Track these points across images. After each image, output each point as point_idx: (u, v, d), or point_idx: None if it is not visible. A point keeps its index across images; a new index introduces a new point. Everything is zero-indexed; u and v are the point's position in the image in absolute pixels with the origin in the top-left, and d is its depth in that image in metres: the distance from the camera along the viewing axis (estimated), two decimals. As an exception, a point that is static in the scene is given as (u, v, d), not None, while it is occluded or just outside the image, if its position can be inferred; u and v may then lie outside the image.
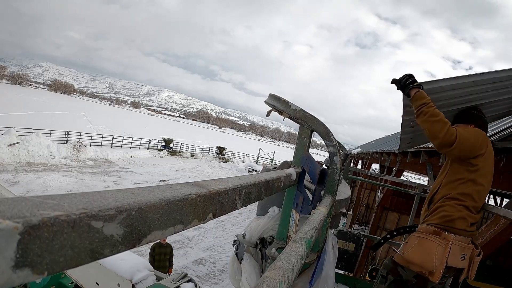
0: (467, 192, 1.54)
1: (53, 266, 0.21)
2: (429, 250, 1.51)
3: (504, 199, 8.75)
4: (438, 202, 1.60)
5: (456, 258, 1.50)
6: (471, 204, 1.54)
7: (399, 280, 1.64)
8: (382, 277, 1.75)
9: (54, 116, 37.00)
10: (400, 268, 1.65)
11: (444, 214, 1.55)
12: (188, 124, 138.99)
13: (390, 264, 1.74)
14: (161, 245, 5.87)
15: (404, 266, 1.63)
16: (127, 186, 14.47)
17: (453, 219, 1.52)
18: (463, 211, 1.53)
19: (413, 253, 1.57)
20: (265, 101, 1.23)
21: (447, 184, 1.60)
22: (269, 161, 34.19)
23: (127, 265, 3.23)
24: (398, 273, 1.66)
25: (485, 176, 1.59)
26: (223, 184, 0.48)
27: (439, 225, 1.55)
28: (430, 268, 1.49)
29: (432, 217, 1.60)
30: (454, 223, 1.52)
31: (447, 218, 1.53)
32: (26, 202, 0.22)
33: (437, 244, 1.50)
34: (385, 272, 1.74)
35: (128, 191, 0.31)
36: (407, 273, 1.62)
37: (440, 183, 1.66)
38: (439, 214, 1.57)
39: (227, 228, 11.71)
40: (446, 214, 1.54)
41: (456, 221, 1.52)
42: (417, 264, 1.54)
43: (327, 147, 1.13)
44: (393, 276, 1.68)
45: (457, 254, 1.51)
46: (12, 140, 15.39)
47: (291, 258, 0.44)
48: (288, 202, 1.20)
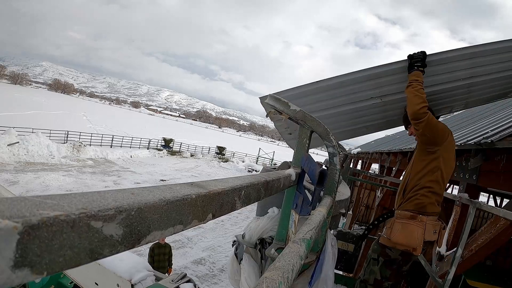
0: (433, 179, 1.87)
1: (52, 266, 0.21)
2: (411, 232, 1.86)
3: (504, 199, 8.75)
4: (411, 191, 1.93)
5: (430, 234, 1.88)
6: (437, 188, 1.89)
7: (388, 260, 2.00)
8: (373, 260, 2.09)
9: (54, 116, 37.00)
10: (388, 250, 1.99)
11: (417, 202, 1.89)
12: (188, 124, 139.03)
13: (379, 248, 2.06)
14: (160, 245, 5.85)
15: (391, 247, 1.96)
16: (126, 185, 14.47)
17: (425, 205, 1.87)
18: (432, 197, 1.88)
19: (399, 236, 1.90)
20: (265, 101, 1.22)
21: (416, 175, 1.92)
22: (269, 161, 34.20)
23: (126, 265, 3.23)
24: (387, 254, 2.01)
25: (447, 163, 1.91)
26: (223, 185, 0.48)
27: (414, 211, 1.89)
28: (414, 246, 1.84)
29: (408, 204, 1.93)
30: (426, 208, 1.88)
31: (420, 205, 1.88)
32: (26, 202, 0.22)
33: (416, 227, 1.86)
34: (376, 255, 2.07)
35: (127, 191, 0.31)
36: (394, 252, 1.97)
37: (409, 174, 1.98)
38: (413, 202, 1.90)
39: (227, 228, 11.71)
40: (419, 201, 1.88)
41: (427, 206, 1.88)
42: (403, 244, 1.88)
43: (327, 148, 1.13)
44: (383, 258, 2.03)
45: (430, 231, 1.88)
46: (12, 139, 15.38)
47: (290, 258, 0.44)
48: (288, 203, 1.20)
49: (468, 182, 2.98)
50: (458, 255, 2.48)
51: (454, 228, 3.12)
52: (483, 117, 4.35)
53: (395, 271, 2.01)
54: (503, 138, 2.31)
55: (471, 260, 2.88)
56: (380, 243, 2.04)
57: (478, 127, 3.57)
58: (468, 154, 2.92)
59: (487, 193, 8.80)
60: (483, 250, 2.77)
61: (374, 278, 2.03)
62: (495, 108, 4.81)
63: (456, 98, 2.28)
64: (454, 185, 8.61)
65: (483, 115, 4.60)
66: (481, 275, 5.48)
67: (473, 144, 2.56)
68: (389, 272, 2.01)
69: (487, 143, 2.35)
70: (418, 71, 1.81)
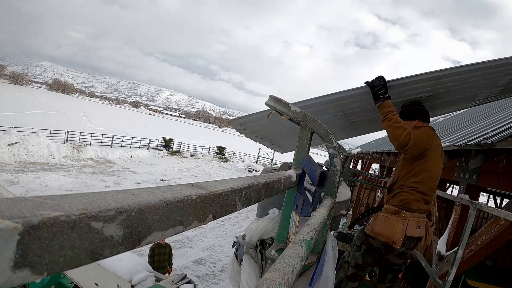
0: (418, 180, 1.94)
1: (52, 267, 0.21)
2: (391, 226, 1.94)
3: (504, 199, 8.75)
4: (397, 189, 2.02)
5: (412, 230, 1.93)
6: (422, 188, 1.94)
7: (371, 248, 2.10)
8: (357, 246, 2.20)
9: (54, 116, 37.01)
10: (371, 239, 2.08)
11: (401, 198, 1.97)
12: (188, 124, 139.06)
13: (363, 236, 2.16)
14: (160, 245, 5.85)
15: (374, 237, 2.05)
16: (127, 185, 14.48)
17: (409, 202, 1.94)
18: (417, 195, 1.94)
19: (380, 228, 2.00)
20: (266, 102, 1.22)
21: (403, 177, 2.01)
22: (269, 161, 34.20)
23: (126, 266, 3.23)
24: (369, 243, 2.10)
25: (434, 165, 1.97)
26: (223, 186, 0.48)
27: (399, 206, 1.97)
28: (393, 239, 1.92)
29: (393, 200, 2.02)
30: (410, 205, 1.94)
31: (404, 201, 1.95)
32: (26, 202, 0.22)
33: (397, 222, 1.94)
34: (359, 242, 2.18)
35: (128, 192, 0.31)
36: (376, 242, 2.06)
37: (397, 176, 2.06)
38: (398, 198, 1.99)
39: (227, 228, 11.70)
40: (403, 198, 1.96)
41: (411, 203, 1.94)
42: (384, 236, 1.97)
43: (327, 149, 1.13)
44: (366, 246, 2.13)
45: (413, 227, 1.93)
46: (12, 139, 15.39)
47: (291, 259, 0.44)
48: (288, 204, 1.20)
49: (468, 182, 2.98)
50: (458, 256, 2.48)
51: (454, 228, 3.12)
52: (483, 118, 4.35)
53: (376, 259, 2.14)
54: (503, 139, 2.31)
55: (471, 260, 2.88)
56: (364, 232, 2.15)
57: (478, 127, 3.56)
58: (468, 154, 2.92)
59: (487, 193, 8.79)
60: (483, 250, 2.77)
61: (355, 262, 2.18)
62: (495, 108, 4.81)
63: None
64: (454, 185, 8.62)
65: (483, 116, 4.60)
66: (481, 275, 5.48)
67: (473, 144, 2.56)
68: (371, 259, 2.13)
69: (487, 144, 2.35)
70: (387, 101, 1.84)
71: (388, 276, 2.21)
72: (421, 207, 1.97)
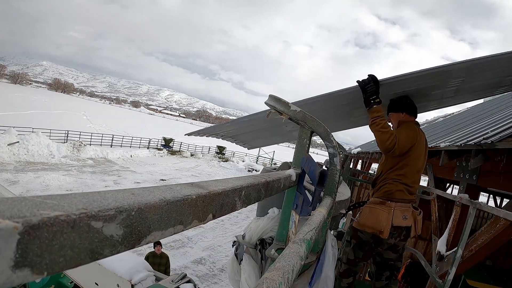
0: (401, 173, 2.02)
1: (52, 266, 0.21)
2: (377, 216, 2.00)
3: (504, 199, 8.75)
4: (381, 182, 2.10)
5: (399, 219, 1.99)
6: (405, 180, 2.02)
7: (361, 242, 2.15)
8: (347, 242, 2.25)
9: (54, 115, 37.00)
10: (360, 233, 2.14)
11: (386, 190, 2.05)
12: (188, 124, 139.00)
13: (351, 231, 2.21)
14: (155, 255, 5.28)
15: (362, 230, 2.10)
16: (127, 185, 14.48)
17: (393, 192, 2.02)
18: (400, 186, 2.02)
19: (366, 219, 2.06)
20: (265, 102, 1.22)
21: (387, 171, 2.09)
22: (269, 161, 34.19)
23: (126, 266, 3.23)
24: (358, 237, 2.15)
25: (417, 159, 2.05)
26: (223, 185, 0.48)
27: (383, 197, 2.04)
28: (379, 228, 1.96)
29: (378, 193, 2.09)
30: (394, 195, 2.02)
31: (388, 192, 2.03)
32: (26, 202, 0.22)
33: (382, 211, 2.00)
34: (349, 238, 2.24)
35: (128, 192, 0.31)
36: (365, 235, 2.11)
37: (381, 170, 2.14)
38: (382, 190, 2.07)
39: (227, 228, 11.71)
40: (387, 189, 2.04)
41: (395, 193, 2.02)
42: (370, 226, 2.02)
43: (327, 148, 1.13)
44: (355, 240, 2.18)
45: (399, 216, 1.99)
46: (12, 139, 15.39)
47: (290, 259, 0.44)
48: (288, 203, 1.20)
49: (468, 182, 2.98)
50: (458, 256, 2.48)
51: (454, 228, 3.13)
52: (483, 118, 4.34)
53: (367, 252, 2.17)
54: (503, 139, 2.31)
55: (471, 260, 2.88)
56: (353, 227, 2.19)
57: (478, 127, 3.56)
58: (468, 154, 2.92)
59: (487, 193, 8.79)
60: (483, 250, 2.78)
61: (347, 257, 2.22)
62: (495, 108, 4.81)
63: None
64: (454, 185, 8.61)
65: (483, 116, 4.60)
66: (481, 275, 5.48)
67: (473, 144, 2.56)
68: (361, 253, 2.17)
69: (488, 144, 2.35)
70: (377, 106, 1.90)
71: (384, 273, 2.22)
72: (405, 196, 2.03)
